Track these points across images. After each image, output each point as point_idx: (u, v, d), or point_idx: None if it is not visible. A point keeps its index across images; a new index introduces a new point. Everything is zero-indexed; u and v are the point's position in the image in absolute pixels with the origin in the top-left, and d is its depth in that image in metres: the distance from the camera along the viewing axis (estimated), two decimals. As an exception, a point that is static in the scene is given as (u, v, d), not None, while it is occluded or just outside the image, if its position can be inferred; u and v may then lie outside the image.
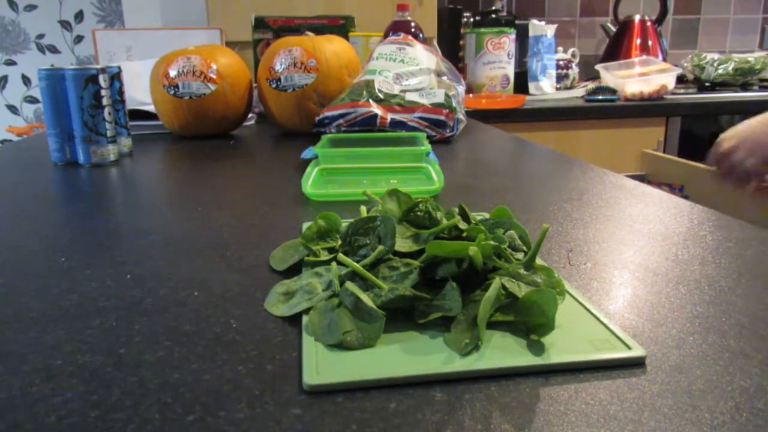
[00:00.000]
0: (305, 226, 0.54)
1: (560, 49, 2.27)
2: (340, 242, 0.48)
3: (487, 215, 0.51)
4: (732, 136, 0.99)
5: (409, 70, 1.15)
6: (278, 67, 1.16)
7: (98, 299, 0.43)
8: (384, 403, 0.30)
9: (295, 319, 0.39)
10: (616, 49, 2.25)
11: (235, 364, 0.34)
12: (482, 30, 1.98)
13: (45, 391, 0.31)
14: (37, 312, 0.41)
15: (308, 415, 0.29)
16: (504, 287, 0.38)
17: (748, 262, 0.49)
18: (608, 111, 1.85)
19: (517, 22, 2.08)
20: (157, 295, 0.44)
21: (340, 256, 0.41)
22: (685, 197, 1.14)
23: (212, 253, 0.53)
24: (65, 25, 2.30)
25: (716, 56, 2.17)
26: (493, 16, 2.07)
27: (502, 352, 0.34)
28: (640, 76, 1.93)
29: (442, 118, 1.06)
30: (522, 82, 2.07)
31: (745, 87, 2.15)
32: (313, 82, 1.15)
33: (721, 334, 0.36)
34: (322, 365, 0.33)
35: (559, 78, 2.17)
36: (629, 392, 0.30)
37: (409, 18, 1.58)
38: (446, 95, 1.10)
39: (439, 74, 1.18)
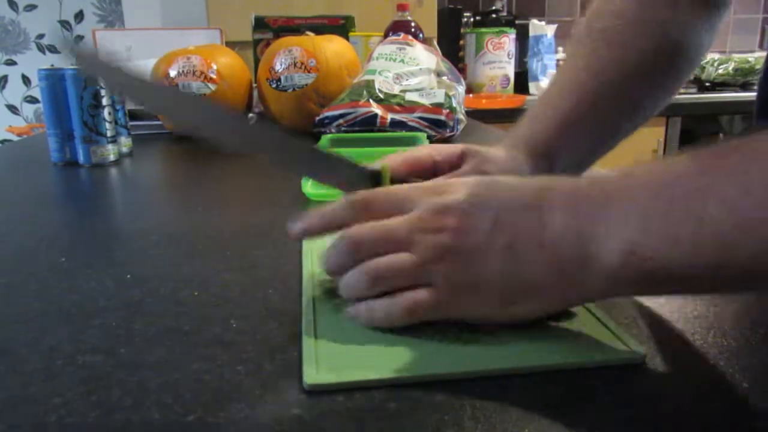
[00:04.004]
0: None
1: (560, 49, 2.27)
2: None
3: None
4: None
5: (409, 70, 1.15)
6: (278, 67, 1.16)
7: (98, 299, 0.43)
8: (384, 403, 0.30)
9: (295, 320, 0.39)
10: (616, 49, 2.25)
11: (235, 364, 0.34)
12: (482, 30, 1.98)
13: (45, 391, 0.31)
14: (37, 312, 0.41)
15: (308, 415, 0.29)
16: None
17: (748, 262, 0.49)
18: (608, 111, 1.85)
19: (517, 22, 2.08)
20: (157, 295, 0.44)
21: None
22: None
23: (212, 253, 0.53)
24: (65, 25, 2.30)
25: (716, 56, 2.17)
26: (493, 16, 2.07)
27: (502, 352, 0.34)
28: (640, 76, 1.93)
29: (442, 118, 1.06)
30: (522, 82, 2.07)
31: (745, 87, 2.15)
32: (313, 82, 1.15)
33: (721, 333, 0.36)
34: (321, 365, 0.33)
35: (559, 78, 2.17)
36: (629, 392, 0.30)
37: (409, 18, 1.58)
38: (446, 95, 1.10)
39: (439, 74, 1.18)
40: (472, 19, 2.11)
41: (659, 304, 0.41)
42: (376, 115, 1.04)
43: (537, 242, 0.33)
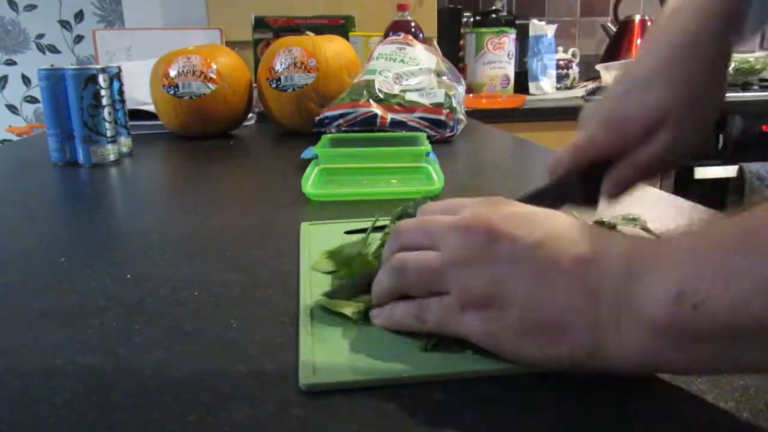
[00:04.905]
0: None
1: (560, 49, 2.27)
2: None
3: None
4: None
5: (409, 70, 1.15)
6: (278, 67, 1.16)
7: (98, 299, 0.43)
8: (384, 403, 0.30)
9: (295, 320, 0.39)
10: (617, 49, 2.25)
11: (235, 364, 0.34)
12: (482, 30, 1.98)
13: (45, 391, 0.31)
14: (37, 312, 0.41)
15: (308, 416, 0.29)
16: None
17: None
18: (608, 111, 1.85)
19: (517, 22, 2.07)
20: (157, 295, 0.44)
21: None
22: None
23: (212, 253, 0.53)
24: (65, 25, 2.30)
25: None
26: (493, 16, 2.07)
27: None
28: (640, 76, 1.93)
29: (442, 118, 1.06)
30: (522, 82, 2.06)
31: (746, 87, 2.15)
32: (313, 82, 1.15)
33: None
34: (319, 365, 0.33)
35: (560, 78, 2.17)
36: (629, 392, 0.30)
37: (409, 18, 1.58)
38: (446, 95, 1.10)
39: (439, 74, 1.18)
40: (472, 19, 2.11)
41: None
42: (376, 115, 1.04)
43: (577, 273, 0.29)
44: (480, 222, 0.32)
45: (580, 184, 0.45)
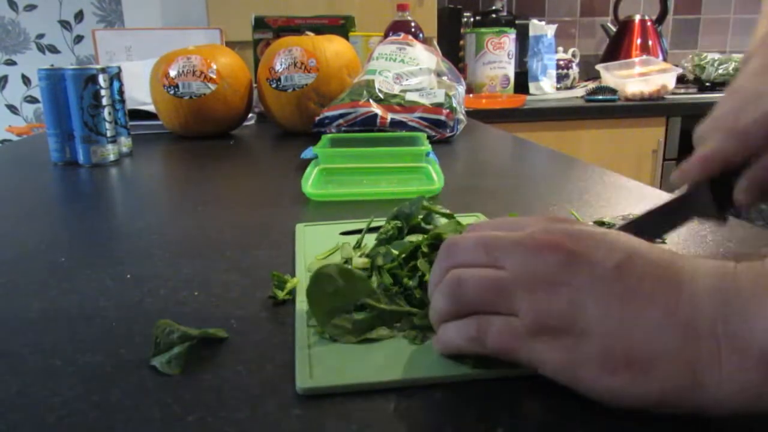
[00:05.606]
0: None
1: (560, 49, 2.27)
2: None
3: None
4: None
5: (409, 70, 1.15)
6: (278, 67, 1.16)
7: (98, 299, 0.43)
8: (384, 403, 0.30)
9: (295, 320, 0.39)
10: (617, 49, 2.25)
11: (235, 365, 0.34)
12: (482, 30, 1.98)
13: (45, 391, 0.31)
14: (37, 312, 0.41)
15: (308, 416, 0.29)
16: None
17: (748, 262, 0.49)
18: (608, 111, 1.85)
19: (517, 22, 2.08)
20: (157, 295, 0.44)
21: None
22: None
23: (212, 253, 0.53)
24: (65, 25, 2.30)
25: (716, 56, 2.17)
26: (493, 16, 2.07)
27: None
28: (641, 76, 1.93)
29: (442, 118, 1.06)
30: (522, 82, 2.07)
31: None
32: (313, 82, 1.15)
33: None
34: (316, 368, 0.32)
35: (560, 78, 2.17)
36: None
37: (409, 18, 1.58)
38: (446, 95, 1.10)
39: (439, 74, 1.18)
40: (472, 19, 2.11)
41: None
42: (376, 115, 1.04)
43: (667, 299, 0.26)
44: (552, 240, 0.29)
45: (711, 196, 0.44)
